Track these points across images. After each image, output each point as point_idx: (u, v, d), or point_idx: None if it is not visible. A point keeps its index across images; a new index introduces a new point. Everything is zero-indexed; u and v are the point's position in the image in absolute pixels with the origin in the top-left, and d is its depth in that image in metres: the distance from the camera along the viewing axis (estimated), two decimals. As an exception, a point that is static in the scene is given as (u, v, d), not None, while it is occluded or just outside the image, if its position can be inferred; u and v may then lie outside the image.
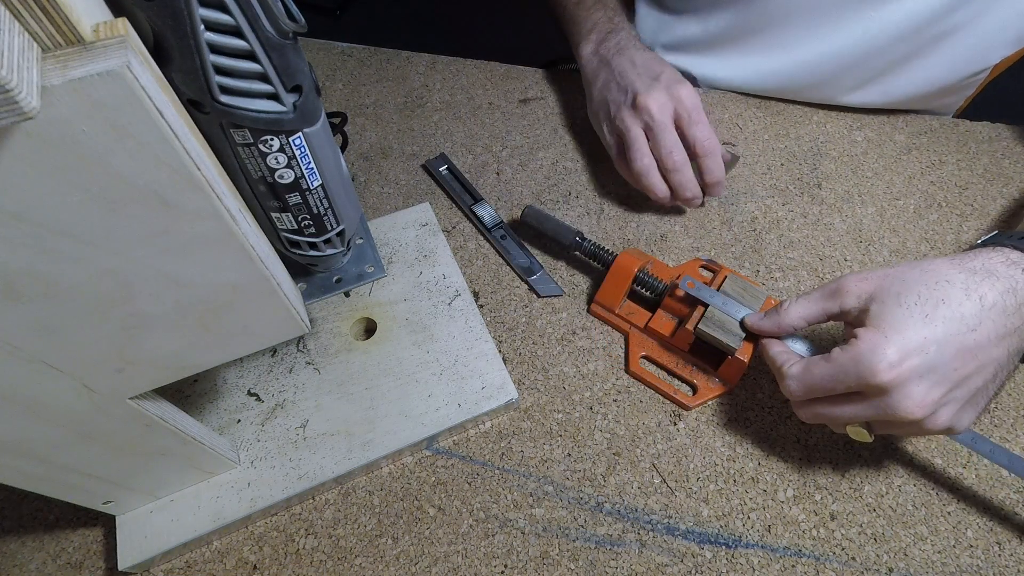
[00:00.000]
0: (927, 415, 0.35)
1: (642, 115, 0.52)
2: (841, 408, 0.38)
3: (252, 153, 0.36)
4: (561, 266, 0.55)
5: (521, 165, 0.62)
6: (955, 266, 0.37)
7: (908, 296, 0.36)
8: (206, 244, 0.27)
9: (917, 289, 0.36)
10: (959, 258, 0.37)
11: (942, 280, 0.36)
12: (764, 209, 0.58)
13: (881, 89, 0.62)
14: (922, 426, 0.35)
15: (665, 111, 0.52)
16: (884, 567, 0.40)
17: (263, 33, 0.31)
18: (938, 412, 0.35)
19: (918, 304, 0.35)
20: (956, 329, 0.34)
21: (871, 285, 0.38)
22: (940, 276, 0.36)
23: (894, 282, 0.37)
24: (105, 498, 0.38)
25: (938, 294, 0.35)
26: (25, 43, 0.18)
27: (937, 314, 0.35)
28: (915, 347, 0.34)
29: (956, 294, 0.35)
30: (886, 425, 0.37)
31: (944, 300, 0.35)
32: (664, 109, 0.52)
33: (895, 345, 0.34)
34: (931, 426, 0.35)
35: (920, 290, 0.36)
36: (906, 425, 0.36)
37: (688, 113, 0.52)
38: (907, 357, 0.34)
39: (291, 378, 0.46)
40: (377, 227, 0.55)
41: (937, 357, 0.34)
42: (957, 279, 0.36)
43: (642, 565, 0.41)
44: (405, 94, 0.67)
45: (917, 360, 0.34)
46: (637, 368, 0.48)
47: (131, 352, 0.29)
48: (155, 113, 0.21)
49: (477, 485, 0.44)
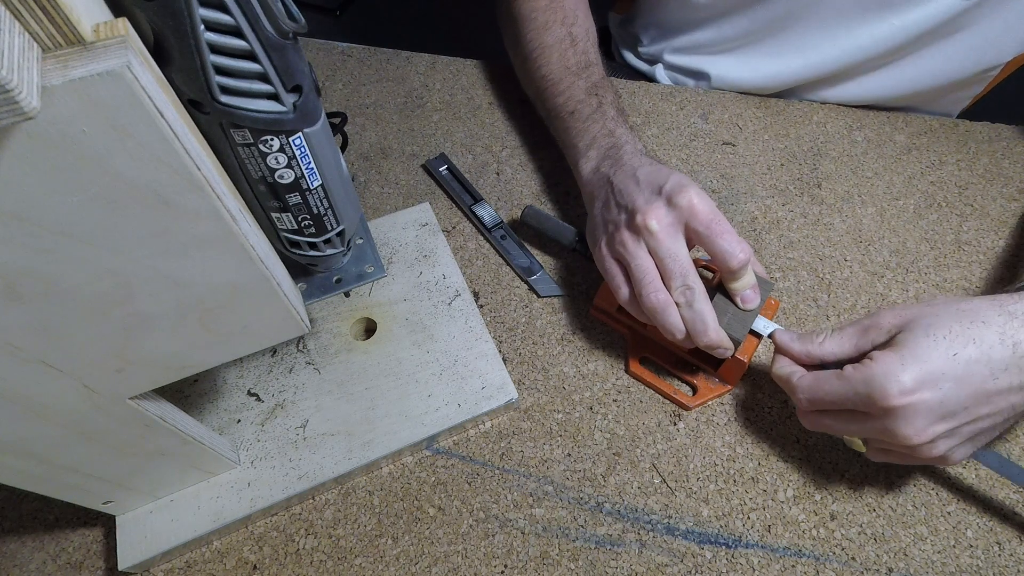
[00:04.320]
0: (924, 443, 0.34)
1: (643, 235, 0.42)
2: (845, 423, 0.38)
3: (252, 153, 0.36)
4: (561, 266, 0.55)
5: (521, 165, 0.62)
6: (995, 307, 0.35)
7: (938, 329, 0.35)
8: (206, 244, 0.27)
9: (950, 324, 0.35)
10: (1001, 299, 0.36)
11: (978, 320, 0.35)
12: (764, 209, 0.58)
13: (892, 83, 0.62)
14: (917, 453, 0.35)
15: (671, 229, 0.41)
16: (884, 567, 0.40)
17: (263, 33, 0.31)
18: (936, 443, 0.35)
19: (947, 338, 0.34)
20: (979, 372, 0.33)
21: (904, 318, 0.37)
22: (977, 316, 0.35)
23: (927, 315, 0.36)
24: (105, 498, 0.38)
25: (971, 333, 0.34)
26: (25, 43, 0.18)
27: (964, 353, 0.34)
28: (931, 379, 0.33)
29: (990, 337, 0.34)
30: (882, 443, 0.37)
31: (975, 340, 0.34)
32: (669, 226, 0.41)
33: (911, 373, 0.33)
34: (926, 454, 0.35)
35: (953, 326, 0.34)
36: (901, 447, 0.36)
37: (705, 226, 0.40)
38: (920, 387, 0.33)
39: (291, 378, 0.46)
40: (377, 227, 0.55)
41: (951, 394, 0.33)
42: (995, 321, 0.34)
43: (642, 565, 0.41)
44: (405, 94, 0.67)
45: (929, 393, 0.33)
46: (637, 368, 0.48)
47: (131, 352, 0.29)
48: (155, 113, 0.21)
49: (477, 485, 0.44)
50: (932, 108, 0.68)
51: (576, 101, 0.54)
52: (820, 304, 0.52)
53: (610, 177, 0.47)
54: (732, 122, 0.64)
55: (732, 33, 0.64)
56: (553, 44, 0.57)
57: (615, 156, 0.48)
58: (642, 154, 0.48)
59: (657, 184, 0.43)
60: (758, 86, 0.66)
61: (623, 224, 0.43)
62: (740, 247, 0.41)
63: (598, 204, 0.47)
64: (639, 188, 0.43)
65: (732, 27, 0.63)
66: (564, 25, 0.57)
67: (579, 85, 0.55)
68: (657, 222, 0.41)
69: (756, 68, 0.64)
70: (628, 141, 0.50)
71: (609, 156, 0.49)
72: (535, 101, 0.61)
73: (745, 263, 0.41)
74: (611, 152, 0.49)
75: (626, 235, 0.43)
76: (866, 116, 0.65)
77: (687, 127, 0.64)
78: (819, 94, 0.66)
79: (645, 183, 0.43)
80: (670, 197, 0.41)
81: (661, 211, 0.41)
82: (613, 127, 0.51)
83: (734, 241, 0.41)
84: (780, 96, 0.67)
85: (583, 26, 0.57)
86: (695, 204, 0.40)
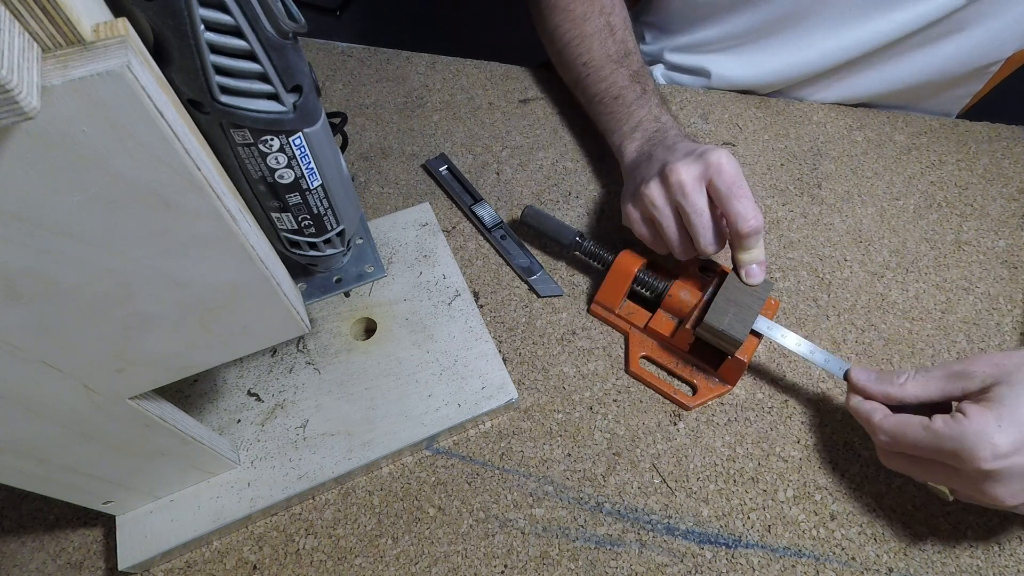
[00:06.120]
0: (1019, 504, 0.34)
1: (671, 188, 0.43)
2: (929, 472, 0.36)
3: (252, 153, 0.36)
4: (561, 266, 0.55)
5: (521, 165, 0.62)
6: None
7: None
8: (206, 244, 0.27)
9: None
10: None
11: None
12: (764, 209, 0.58)
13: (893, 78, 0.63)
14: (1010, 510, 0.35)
15: (697, 183, 0.43)
16: (884, 567, 0.40)
17: (263, 33, 0.31)
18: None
19: None
20: None
21: (1000, 368, 0.35)
22: None
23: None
24: (105, 498, 0.38)
25: None
26: (25, 43, 0.18)
27: None
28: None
29: None
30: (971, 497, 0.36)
31: None
32: (696, 180, 0.43)
33: (1008, 436, 0.32)
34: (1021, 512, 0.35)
35: None
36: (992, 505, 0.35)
37: (727, 185, 0.41)
38: (1017, 452, 0.32)
39: (291, 378, 0.46)
40: (377, 227, 0.55)
41: None
42: None
43: (642, 565, 0.41)
44: (405, 94, 0.67)
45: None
46: (637, 368, 0.48)
47: (131, 352, 0.29)
48: (155, 113, 0.21)
49: (477, 485, 0.44)
50: (933, 105, 0.68)
51: (620, 87, 0.56)
52: (820, 304, 0.52)
53: (652, 153, 0.49)
54: (732, 122, 0.64)
55: (735, 31, 0.64)
56: (593, 33, 0.58)
57: (659, 138, 0.51)
58: (687, 138, 0.50)
59: (692, 150, 0.45)
60: (760, 83, 0.66)
61: (653, 177, 0.45)
62: (754, 213, 0.42)
63: (637, 175, 0.49)
64: (675, 153, 0.46)
65: (735, 25, 0.63)
66: (603, 15, 0.58)
67: (621, 72, 0.56)
68: (687, 175, 0.43)
69: (758, 65, 0.64)
70: (672, 127, 0.52)
71: (654, 138, 0.51)
72: (574, 88, 0.62)
73: (756, 230, 0.42)
74: (656, 135, 0.52)
75: (653, 187, 0.45)
76: (866, 116, 0.65)
77: (687, 127, 0.64)
78: (820, 90, 0.66)
79: (682, 150, 0.45)
80: (701, 154, 0.43)
81: (693, 166, 0.43)
82: (658, 113, 0.54)
83: (750, 206, 0.42)
84: (780, 93, 0.67)
85: (620, 15, 0.59)
86: (723, 162, 0.42)
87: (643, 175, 0.48)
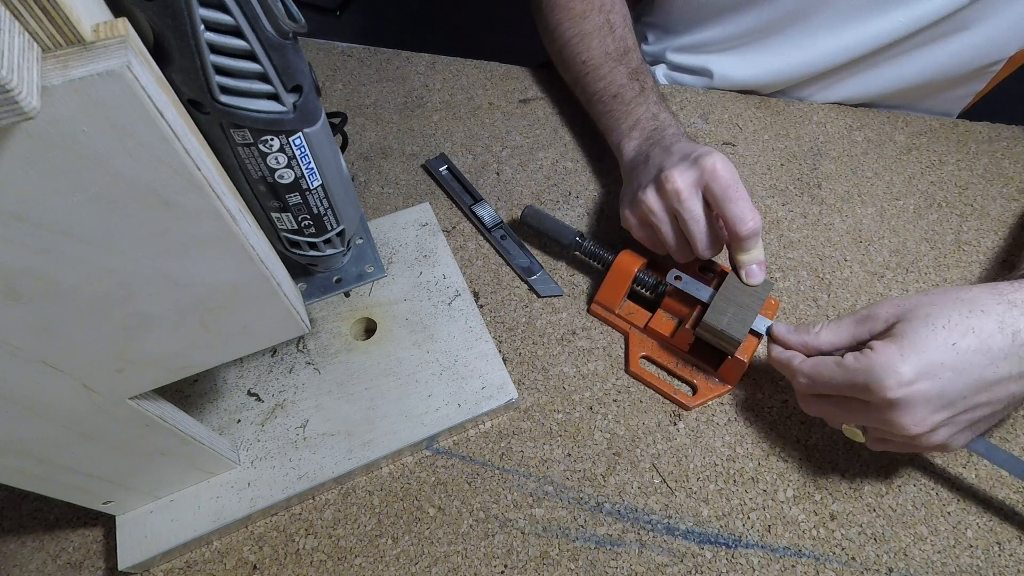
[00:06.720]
0: (924, 433, 0.35)
1: (667, 195, 0.44)
2: (843, 410, 0.38)
3: (252, 153, 0.36)
4: (561, 266, 0.55)
5: (521, 165, 0.62)
6: (994, 296, 0.35)
7: (938, 319, 0.35)
8: (206, 244, 0.27)
9: (948, 314, 0.35)
10: (1000, 288, 0.36)
11: (977, 309, 0.35)
12: (764, 209, 0.58)
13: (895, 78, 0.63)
14: (916, 442, 0.35)
15: (693, 189, 0.43)
16: (884, 567, 0.40)
17: (263, 33, 0.31)
18: (935, 432, 0.35)
19: (946, 328, 0.34)
20: (978, 361, 0.34)
21: (902, 308, 0.37)
22: (976, 305, 0.35)
23: (926, 305, 0.36)
24: (105, 498, 0.38)
25: (970, 322, 0.34)
26: (25, 43, 0.18)
27: (963, 343, 0.34)
28: (930, 370, 0.33)
29: (989, 326, 0.34)
30: (881, 432, 0.37)
31: (974, 329, 0.34)
32: (691, 187, 0.43)
33: (910, 364, 0.34)
34: (925, 443, 0.35)
35: (952, 315, 0.35)
36: (901, 437, 0.36)
37: (722, 189, 0.42)
38: (919, 378, 0.33)
39: (291, 378, 0.46)
40: (377, 227, 0.55)
41: (949, 384, 0.33)
42: (994, 310, 0.34)
43: (642, 565, 0.41)
44: (405, 94, 0.67)
45: (928, 384, 0.33)
46: (637, 368, 0.48)
47: (131, 352, 0.29)
48: (155, 113, 0.21)
49: (477, 485, 0.44)
50: (934, 105, 0.68)
51: (618, 85, 0.56)
52: (820, 304, 0.52)
53: (650, 154, 0.49)
54: (732, 122, 0.64)
55: (737, 31, 0.64)
56: (592, 31, 0.58)
57: (657, 137, 0.51)
58: (685, 137, 0.50)
59: (688, 153, 0.45)
60: (762, 83, 0.66)
61: (649, 183, 0.46)
62: (752, 215, 0.42)
63: (634, 177, 0.50)
64: (671, 156, 0.46)
65: (737, 25, 0.63)
66: (602, 12, 0.58)
67: (620, 70, 0.56)
68: (682, 180, 0.43)
69: (761, 65, 0.64)
70: (671, 124, 0.52)
71: (652, 137, 0.51)
72: (574, 87, 0.62)
73: (754, 232, 0.42)
74: (654, 134, 0.52)
75: (649, 192, 0.45)
76: (866, 116, 0.65)
77: (687, 127, 0.64)
78: (822, 90, 0.66)
79: (678, 153, 0.46)
80: (696, 159, 0.43)
81: (687, 170, 0.43)
82: (657, 111, 0.54)
83: (747, 208, 0.42)
84: (782, 93, 0.67)
85: (620, 13, 0.59)
86: (718, 167, 0.42)
87: (640, 179, 0.48)
